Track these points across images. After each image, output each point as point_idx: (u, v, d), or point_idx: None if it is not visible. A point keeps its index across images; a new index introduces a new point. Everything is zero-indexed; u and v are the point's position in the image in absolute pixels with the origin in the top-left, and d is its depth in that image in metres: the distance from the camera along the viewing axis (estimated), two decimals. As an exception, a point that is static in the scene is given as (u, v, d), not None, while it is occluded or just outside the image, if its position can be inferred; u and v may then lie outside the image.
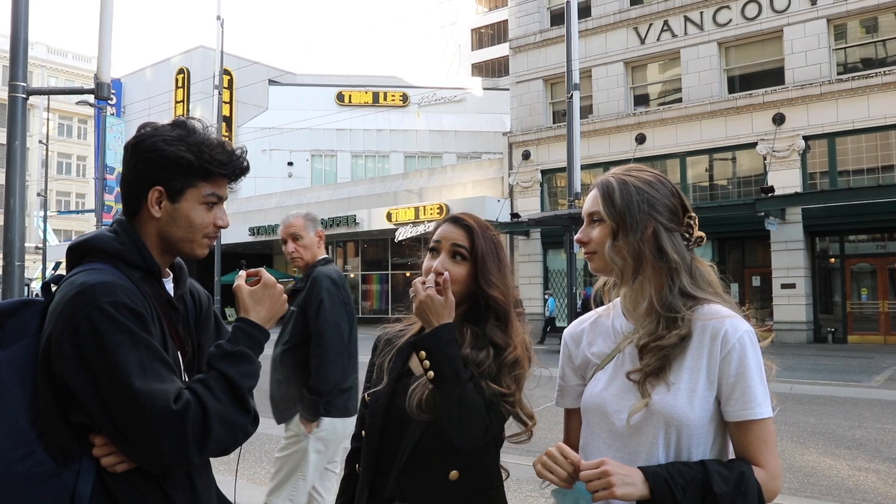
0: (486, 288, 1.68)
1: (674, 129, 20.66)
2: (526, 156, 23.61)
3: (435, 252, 1.72)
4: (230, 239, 27.27)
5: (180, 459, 1.31)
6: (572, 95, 15.25)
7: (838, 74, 18.48)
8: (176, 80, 37.79)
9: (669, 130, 20.74)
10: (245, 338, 1.47)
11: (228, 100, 34.58)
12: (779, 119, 18.69)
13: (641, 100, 22.22)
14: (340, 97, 37.60)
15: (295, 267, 3.54)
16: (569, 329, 1.71)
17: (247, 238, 28.47)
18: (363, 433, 1.76)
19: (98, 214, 27.23)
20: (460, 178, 27.04)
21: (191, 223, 1.52)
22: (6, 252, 5.75)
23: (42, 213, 31.99)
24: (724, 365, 1.39)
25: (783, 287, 18.41)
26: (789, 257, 18.35)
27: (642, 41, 21.72)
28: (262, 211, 31.07)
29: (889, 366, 13.09)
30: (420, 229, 22.75)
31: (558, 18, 22.84)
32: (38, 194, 32.95)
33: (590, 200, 1.57)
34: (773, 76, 19.43)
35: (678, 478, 1.32)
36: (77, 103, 32.20)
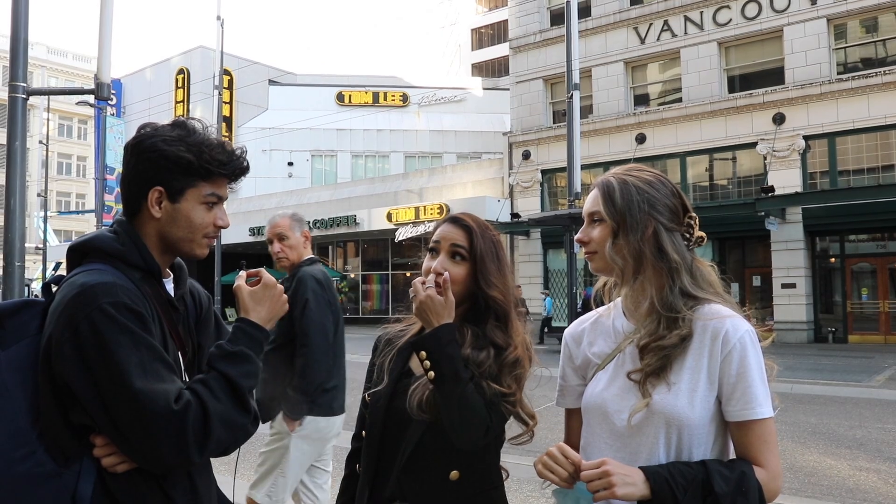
0: (486, 288, 1.68)
1: (674, 129, 20.66)
2: (526, 156, 23.61)
3: (434, 252, 1.72)
4: (230, 239, 27.27)
5: (181, 459, 1.31)
6: (572, 95, 15.25)
7: (838, 74, 18.48)
8: (176, 81, 37.80)
9: (669, 130, 20.74)
10: (245, 338, 1.48)
11: (228, 100, 34.59)
12: (779, 119, 18.69)
13: (641, 100, 22.22)
14: (340, 97, 37.61)
15: (280, 267, 3.57)
16: (569, 329, 1.71)
17: (247, 238, 28.47)
18: (363, 433, 1.76)
19: (98, 215, 27.23)
20: (460, 178, 27.05)
21: (191, 223, 1.52)
22: (6, 252, 5.76)
23: (42, 214, 31.99)
24: (725, 365, 1.39)
25: (783, 287, 18.41)
26: (789, 257, 18.35)
27: (642, 41, 21.72)
28: (263, 211, 31.05)
29: (889, 365, 13.08)
30: (420, 229, 22.76)
31: (558, 18, 22.84)
32: (39, 195, 32.97)
33: (590, 200, 1.57)
34: (774, 76, 19.43)
35: (679, 478, 1.32)
36: (77, 104, 32.22)
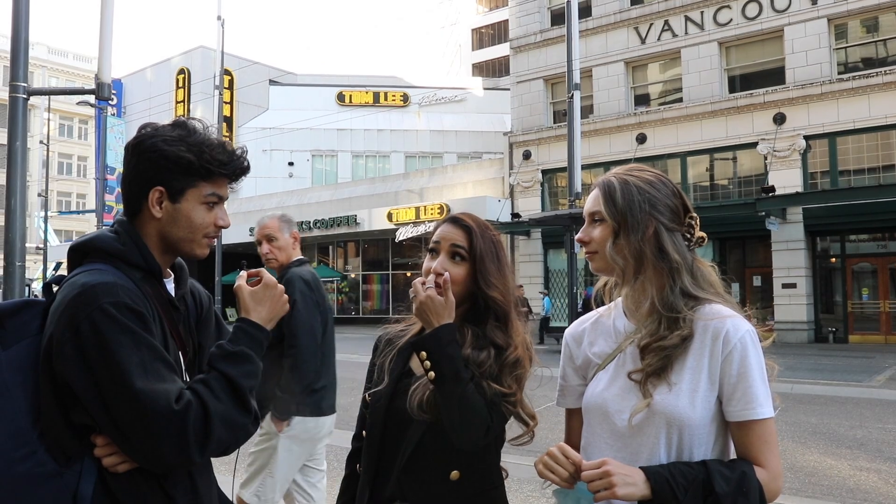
0: (486, 289, 1.68)
1: (674, 129, 20.65)
2: (526, 156, 23.61)
3: (434, 253, 1.72)
4: (231, 239, 27.27)
5: (182, 459, 1.31)
6: (573, 95, 15.25)
7: (839, 74, 18.47)
8: (176, 81, 37.81)
9: (670, 130, 20.73)
10: (246, 338, 1.48)
11: (229, 100, 34.59)
12: (779, 119, 18.69)
13: (642, 100, 22.21)
14: (341, 97, 37.61)
15: (269, 268, 3.59)
16: (570, 329, 1.71)
17: (247, 238, 28.42)
18: (364, 433, 1.76)
19: (99, 215, 27.21)
20: (461, 178, 27.05)
21: (191, 223, 1.52)
22: (7, 252, 5.76)
23: (43, 214, 31.99)
24: (726, 365, 1.39)
25: (784, 287, 18.41)
26: (790, 257, 18.34)
27: (643, 41, 21.72)
28: (263, 211, 30.85)
29: (890, 365, 13.08)
30: (421, 229, 22.76)
31: (559, 18, 22.84)
32: (39, 195, 32.98)
33: (591, 200, 1.57)
34: (774, 76, 19.42)
35: (679, 478, 1.31)
36: (78, 104, 32.24)
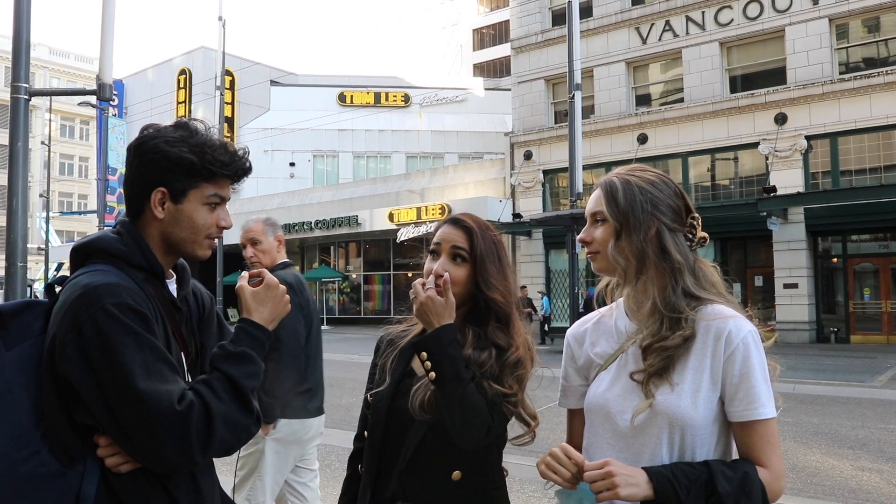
0: (486, 290, 1.68)
1: (675, 129, 20.64)
2: (528, 156, 23.61)
3: (435, 254, 1.72)
4: (232, 240, 27.13)
5: (184, 460, 1.32)
6: (574, 95, 15.26)
7: (840, 74, 18.46)
8: (178, 81, 37.83)
9: (671, 130, 20.73)
10: (248, 338, 1.48)
11: (230, 100, 34.59)
12: (781, 119, 18.67)
13: (643, 100, 22.21)
14: (342, 98, 37.62)
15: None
16: (572, 329, 1.71)
17: (249, 238, 28.46)
18: (366, 434, 1.76)
19: (100, 215, 27.22)
20: (462, 179, 27.05)
21: (193, 224, 1.52)
22: (9, 253, 5.77)
23: (44, 214, 32.01)
24: (728, 365, 1.39)
25: (786, 287, 18.39)
26: (792, 257, 18.33)
27: (644, 41, 21.71)
28: (265, 212, 31.06)
29: (892, 365, 13.07)
30: (422, 230, 22.76)
31: (560, 18, 22.83)
32: (41, 195, 32.99)
33: (593, 200, 1.57)
34: (775, 76, 19.42)
35: (682, 478, 1.32)
36: (79, 104, 32.25)
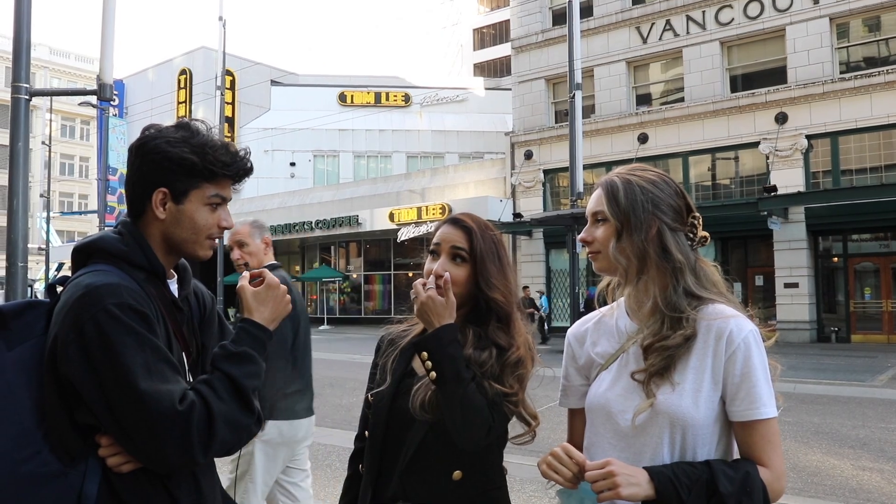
0: (487, 290, 1.68)
1: (676, 129, 20.64)
2: (528, 156, 23.61)
3: (435, 254, 1.72)
4: (233, 239, 27.24)
5: (185, 460, 1.32)
6: (574, 95, 15.27)
7: (841, 73, 18.45)
8: (178, 81, 37.84)
9: (672, 130, 20.72)
10: (249, 338, 1.48)
11: (231, 100, 34.60)
12: (781, 118, 18.67)
13: (644, 99, 22.20)
14: (342, 97, 37.62)
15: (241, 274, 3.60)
16: (572, 329, 1.71)
17: (249, 238, 28.45)
18: (366, 433, 1.76)
19: (101, 215, 27.23)
20: (462, 179, 27.05)
21: (195, 224, 1.52)
22: (9, 253, 5.78)
23: (45, 215, 32.04)
24: (729, 365, 1.39)
25: (786, 286, 18.39)
26: (792, 257, 18.32)
27: (644, 41, 21.71)
28: (265, 212, 31.09)
29: (893, 365, 13.06)
30: (422, 229, 22.77)
31: (560, 18, 22.84)
32: (41, 195, 33.02)
33: (594, 200, 1.57)
34: (776, 75, 19.41)
35: (683, 478, 1.32)
36: (80, 104, 32.25)
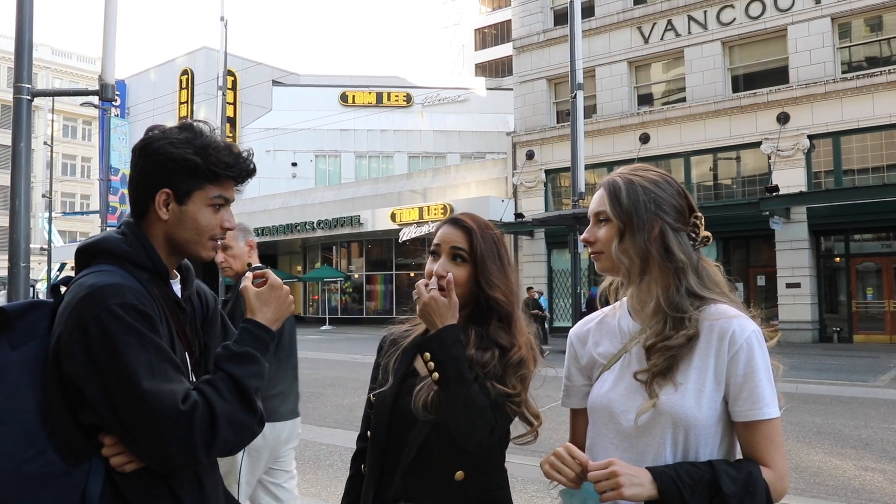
0: (487, 289, 1.68)
1: (678, 129, 20.63)
2: (530, 156, 23.60)
3: (436, 255, 1.72)
4: (234, 240, 27.24)
5: (188, 460, 1.32)
6: (576, 95, 15.26)
7: (843, 73, 18.43)
8: (180, 82, 37.88)
9: (673, 130, 20.71)
10: (251, 339, 1.48)
11: (232, 101, 34.65)
12: (783, 118, 18.65)
13: (645, 99, 22.19)
14: (344, 98, 37.64)
15: (225, 276, 3.58)
16: (574, 329, 1.71)
17: (251, 239, 28.46)
18: (368, 433, 1.76)
19: (102, 216, 27.25)
20: (464, 179, 27.05)
21: (198, 225, 1.53)
22: (11, 253, 5.78)
23: (47, 215, 32.09)
24: (732, 365, 1.39)
25: (788, 286, 18.37)
26: (794, 257, 18.30)
27: (646, 41, 21.70)
28: (267, 212, 31.13)
29: (895, 365, 13.04)
30: (424, 229, 22.78)
31: (562, 18, 22.83)
32: (43, 195, 33.10)
33: (596, 200, 1.57)
34: (778, 75, 19.39)
35: (686, 478, 1.31)
36: (81, 105, 32.24)
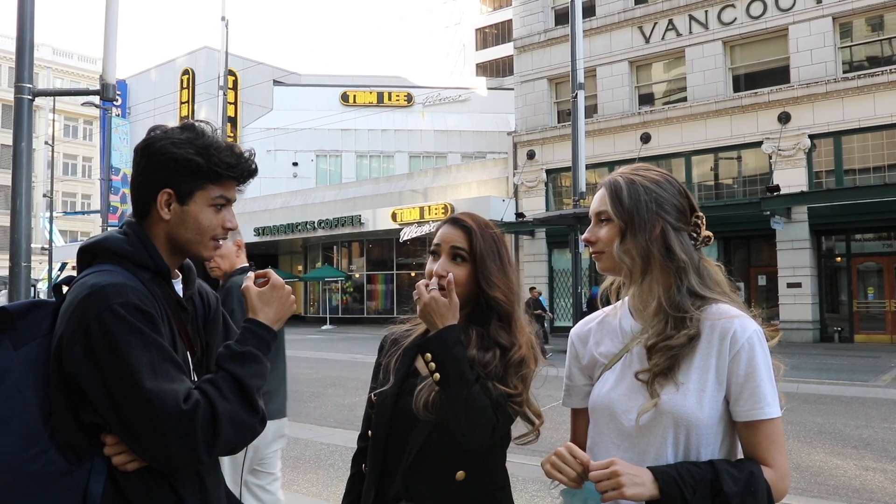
0: (487, 289, 1.68)
1: (679, 129, 20.62)
2: (531, 155, 23.60)
3: (436, 255, 1.72)
4: (234, 240, 27.26)
5: (190, 459, 1.32)
6: (577, 95, 15.26)
7: (844, 73, 18.42)
8: (181, 81, 37.89)
9: (674, 130, 20.70)
10: (253, 338, 1.48)
11: (233, 100, 34.67)
12: (784, 118, 18.64)
13: (646, 99, 22.18)
14: (345, 97, 37.64)
15: (213, 276, 3.58)
16: (576, 329, 1.71)
17: (252, 238, 28.52)
18: (369, 433, 1.76)
19: (104, 215, 27.32)
20: (465, 178, 27.04)
21: (199, 225, 1.53)
22: (13, 253, 5.78)
23: (48, 214, 32.12)
24: (734, 365, 1.39)
25: (789, 286, 18.36)
26: (795, 256, 18.29)
27: (647, 40, 21.69)
28: (268, 211, 31.14)
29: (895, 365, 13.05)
30: (425, 229, 22.78)
31: (563, 18, 22.82)
32: (44, 195, 33.13)
33: (597, 200, 1.57)
34: (779, 75, 19.38)
35: (688, 478, 1.31)
36: (82, 104, 32.30)
